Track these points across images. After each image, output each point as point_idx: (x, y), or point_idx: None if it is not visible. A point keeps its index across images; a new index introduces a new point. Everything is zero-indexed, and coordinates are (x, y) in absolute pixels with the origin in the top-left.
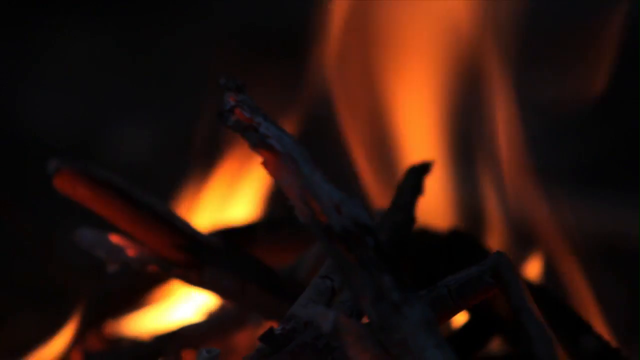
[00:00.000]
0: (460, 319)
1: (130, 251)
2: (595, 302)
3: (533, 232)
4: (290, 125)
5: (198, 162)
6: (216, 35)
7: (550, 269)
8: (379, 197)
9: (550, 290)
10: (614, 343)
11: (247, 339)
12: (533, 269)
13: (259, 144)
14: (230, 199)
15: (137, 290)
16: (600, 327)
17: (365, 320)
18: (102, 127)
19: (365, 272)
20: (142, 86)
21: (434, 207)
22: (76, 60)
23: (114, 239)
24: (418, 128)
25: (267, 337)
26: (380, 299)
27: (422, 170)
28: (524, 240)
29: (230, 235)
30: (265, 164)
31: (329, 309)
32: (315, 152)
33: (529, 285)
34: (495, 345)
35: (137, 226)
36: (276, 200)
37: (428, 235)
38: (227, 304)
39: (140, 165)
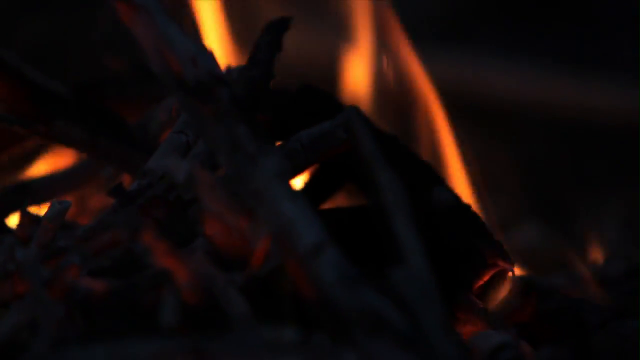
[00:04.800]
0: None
1: None
2: (456, 157)
3: (391, 87)
4: None
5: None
6: None
7: (408, 123)
8: (238, 53)
9: (402, 143)
10: (476, 197)
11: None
12: (388, 122)
13: None
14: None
15: None
16: (462, 182)
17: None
18: None
19: (220, 123)
20: None
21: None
22: None
23: None
24: None
25: (116, 191)
26: (236, 150)
27: (280, 26)
28: (381, 94)
29: (80, 90)
30: (121, 14)
31: (183, 160)
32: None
33: (382, 137)
34: (345, 195)
35: None
36: (129, 54)
37: (282, 91)
38: (78, 156)
39: None
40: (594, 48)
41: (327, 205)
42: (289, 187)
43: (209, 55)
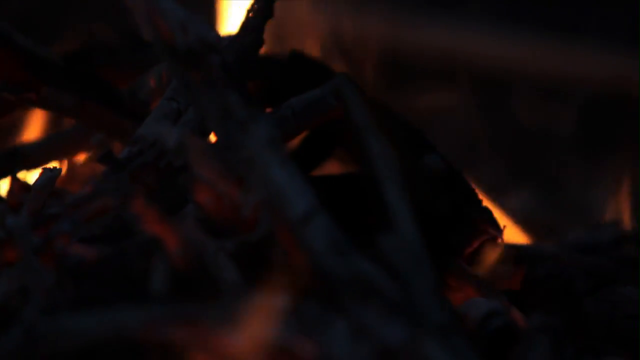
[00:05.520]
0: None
1: None
2: (441, 123)
3: (375, 53)
4: None
5: None
6: None
7: (396, 88)
8: (229, 21)
9: (393, 110)
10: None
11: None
12: (371, 89)
13: None
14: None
15: None
16: (444, 147)
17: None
18: None
19: (211, 90)
20: None
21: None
22: None
23: None
24: None
25: (106, 158)
26: (227, 117)
27: None
28: (369, 61)
29: (71, 59)
30: None
31: (174, 127)
32: None
33: (372, 104)
34: (336, 162)
35: None
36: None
37: (271, 59)
38: (68, 124)
39: None
40: (587, 16)
41: (317, 172)
42: (279, 154)
43: (200, 21)
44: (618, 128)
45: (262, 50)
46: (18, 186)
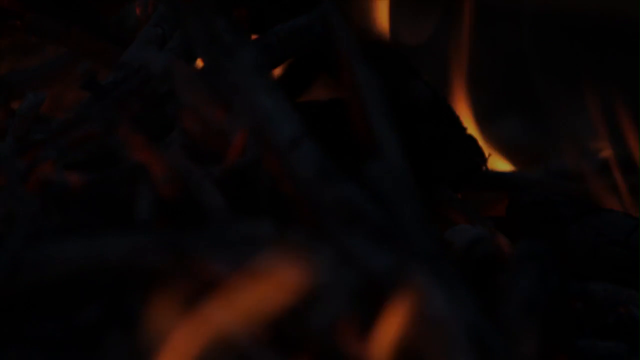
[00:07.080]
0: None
1: None
2: (427, 49)
3: None
4: None
5: None
6: None
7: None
8: None
9: (379, 38)
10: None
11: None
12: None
13: None
14: None
15: None
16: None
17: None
18: None
19: (198, 16)
20: None
21: None
22: None
23: None
24: None
25: (90, 84)
26: (213, 42)
27: None
28: None
29: None
30: None
31: (159, 52)
32: None
33: (359, 32)
34: (323, 89)
35: None
36: None
37: None
38: (55, 51)
39: None
40: None
41: (303, 99)
42: (266, 80)
43: None
44: (606, 56)
45: None
46: (2, 112)
